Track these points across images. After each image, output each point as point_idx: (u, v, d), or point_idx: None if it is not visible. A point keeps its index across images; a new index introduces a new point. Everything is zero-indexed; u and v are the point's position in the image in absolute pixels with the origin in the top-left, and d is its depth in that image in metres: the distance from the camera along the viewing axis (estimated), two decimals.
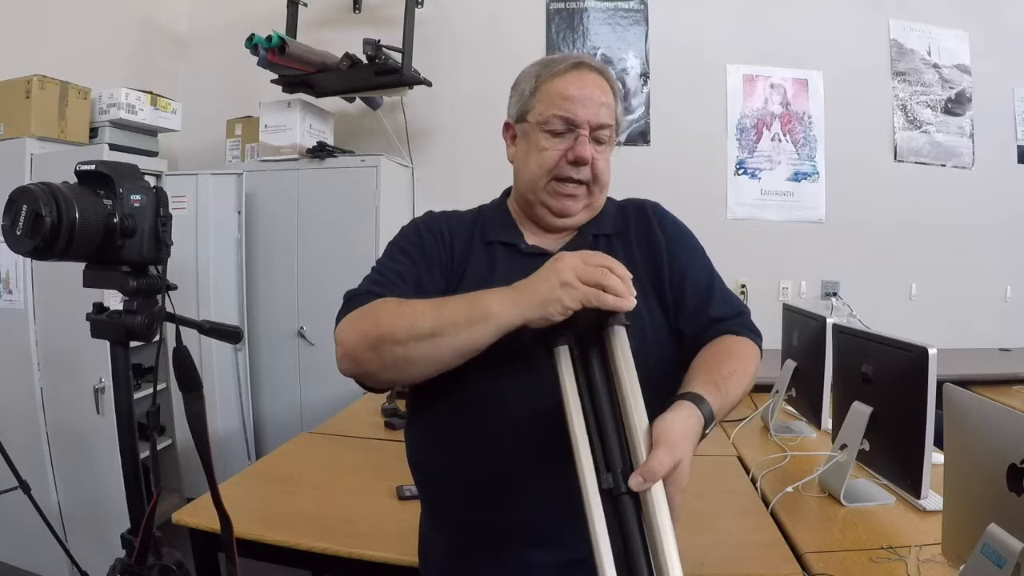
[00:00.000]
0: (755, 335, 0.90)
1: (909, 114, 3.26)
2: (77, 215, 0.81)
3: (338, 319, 0.84)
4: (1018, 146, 3.30)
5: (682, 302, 0.90)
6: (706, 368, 0.79)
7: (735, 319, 0.89)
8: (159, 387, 1.85)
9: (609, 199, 1.01)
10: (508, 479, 0.81)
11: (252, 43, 2.60)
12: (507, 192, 1.04)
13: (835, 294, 3.19)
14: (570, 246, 0.93)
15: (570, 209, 0.93)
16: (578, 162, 0.89)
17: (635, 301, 0.68)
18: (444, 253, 0.92)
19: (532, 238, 0.96)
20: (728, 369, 0.79)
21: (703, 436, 0.71)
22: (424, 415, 0.90)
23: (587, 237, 0.95)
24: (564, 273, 0.69)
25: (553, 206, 0.93)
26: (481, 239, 0.95)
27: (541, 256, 0.90)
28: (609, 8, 3.22)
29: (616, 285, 0.68)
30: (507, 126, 0.99)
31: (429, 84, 2.91)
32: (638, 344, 0.70)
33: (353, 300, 0.84)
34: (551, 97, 0.90)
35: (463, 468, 0.85)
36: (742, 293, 3.13)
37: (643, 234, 0.95)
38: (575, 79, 0.91)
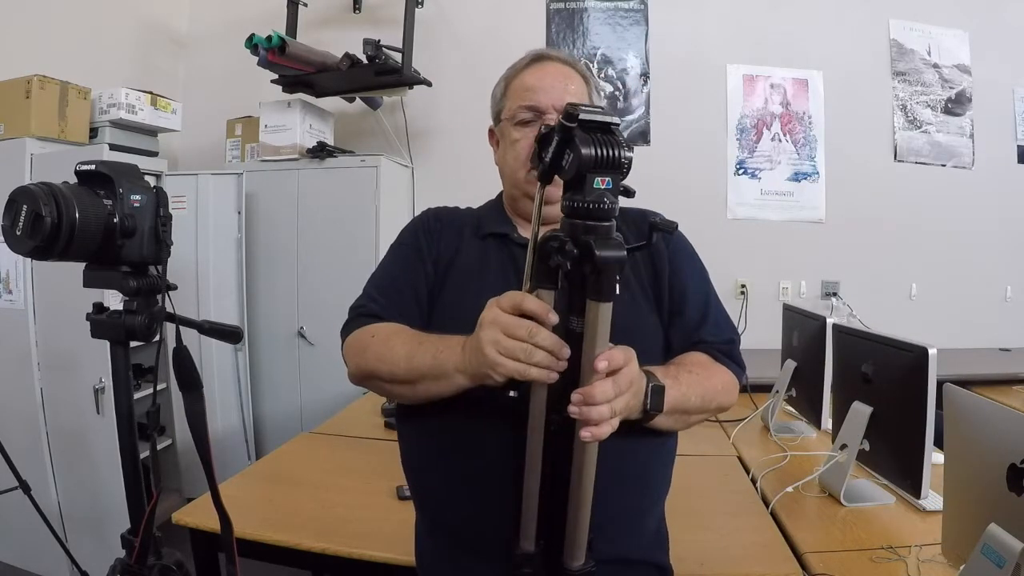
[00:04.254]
0: (737, 365, 0.93)
1: (909, 114, 3.26)
2: (77, 215, 0.81)
3: (343, 333, 0.92)
4: (1018, 146, 3.30)
5: (678, 315, 0.93)
6: (671, 363, 0.87)
7: (721, 345, 0.93)
8: (159, 387, 1.85)
9: None
10: (500, 478, 0.81)
11: (252, 43, 2.60)
12: (502, 194, 1.08)
13: (835, 294, 3.19)
14: None
15: (551, 195, 0.94)
16: None
17: (556, 376, 0.66)
18: (434, 247, 0.97)
19: (525, 231, 0.98)
20: (688, 369, 0.85)
21: (647, 416, 0.76)
22: (414, 417, 0.91)
23: None
24: (486, 349, 0.67)
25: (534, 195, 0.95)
26: (475, 233, 0.99)
27: None
28: (609, 8, 3.22)
29: (542, 360, 0.65)
30: (491, 132, 1.04)
31: (429, 84, 2.91)
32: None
33: (354, 321, 0.92)
34: (516, 92, 0.96)
35: (456, 469, 0.85)
36: (742, 293, 3.13)
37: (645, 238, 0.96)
38: (536, 70, 0.96)
